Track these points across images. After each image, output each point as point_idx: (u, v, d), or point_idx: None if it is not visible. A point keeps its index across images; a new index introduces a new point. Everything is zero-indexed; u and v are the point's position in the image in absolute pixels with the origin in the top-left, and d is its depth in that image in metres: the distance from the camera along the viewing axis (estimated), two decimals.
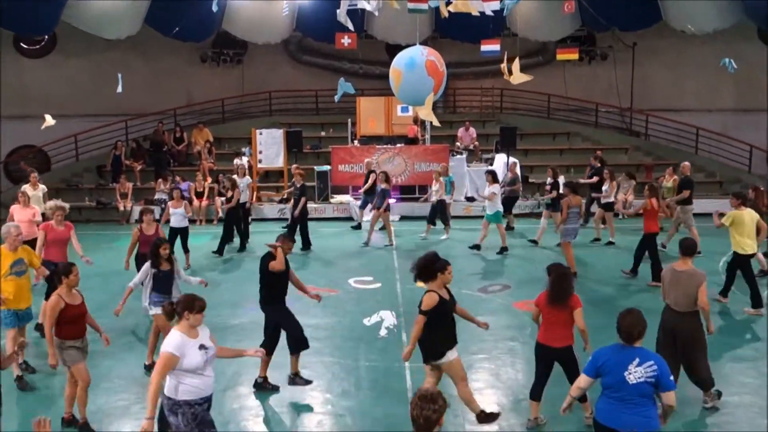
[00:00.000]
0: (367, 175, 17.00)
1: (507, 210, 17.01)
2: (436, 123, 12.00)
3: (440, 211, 16.35)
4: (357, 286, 12.43)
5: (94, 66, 22.43)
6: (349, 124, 21.17)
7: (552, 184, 15.74)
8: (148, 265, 8.22)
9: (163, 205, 16.71)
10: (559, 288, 6.72)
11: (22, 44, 23.10)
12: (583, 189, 15.52)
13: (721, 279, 11.46)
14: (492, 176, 15.22)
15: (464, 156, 20.40)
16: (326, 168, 19.96)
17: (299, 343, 7.84)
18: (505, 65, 10.55)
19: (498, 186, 15.14)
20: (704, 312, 7.13)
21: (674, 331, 7.22)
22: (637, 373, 5.09)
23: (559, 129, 23.63)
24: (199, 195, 18.87)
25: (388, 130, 21.28)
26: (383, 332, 9.97)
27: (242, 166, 17.31)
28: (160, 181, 19.03)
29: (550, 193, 15.65)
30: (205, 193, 18.96)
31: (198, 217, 18.12)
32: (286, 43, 23.73)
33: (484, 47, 17.78)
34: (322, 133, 23.32)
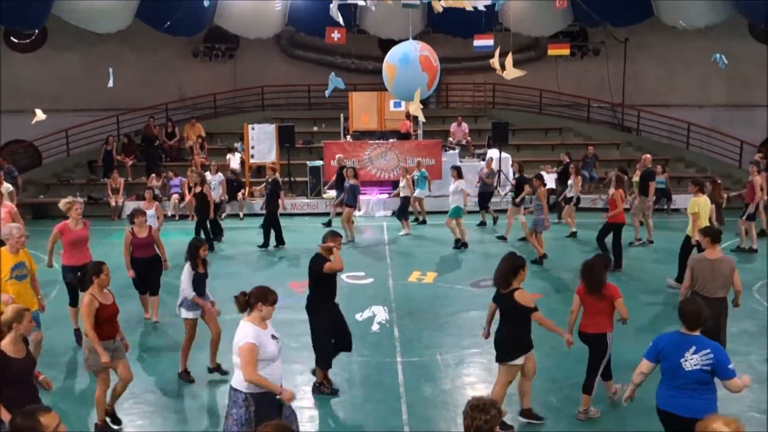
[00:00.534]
0: (339, 171, 16.76)
1: (483, 205, 17.15)
2: (422, 119, 12.02)
3: (401, 207, 16.39)
4: (349, 281, 12.43)
5: (84, 60, 22.31)
6: (342, 119, 21.14)
7: (517, 179, 15.76)
8: (188, 268, 7.92)
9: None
10: (590, 279, 7.01)
11: (12, 38, 22.94)
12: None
13: None
14: (457, 172, 15.19)
15: (457, 151, 20.40)
16: (319, 163, 19.94)
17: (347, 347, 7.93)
18: (495, 60, 10.54)
19: (462, 182, 15.11)
20: (738, 293, 7.67)
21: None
22: (692, 361, 5.23)
23: (552, 124, 23.67)
24: (191, 190, 18.78)
25: (380, 125, 21.27)
26: (375, 327, 10.00)
27: (215, 164, 17.08)
28: (153, 176, 18.97)
29: (519, 190, 15.64)
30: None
31: (190, 212, 18.05)
32: (278, 38, 23.66)
33: (477, 42, 17.81)
34: (315, 128, 23.29)
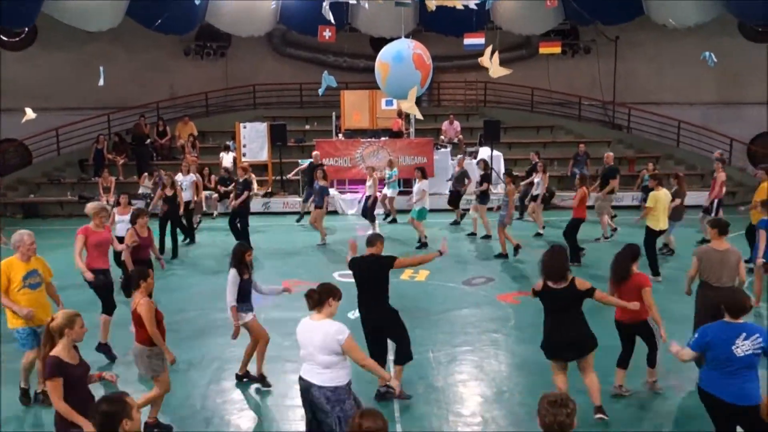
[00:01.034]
0: (314, 168, 16.55)
1: (453, 204, 17.23)
2: (419, 116, 12.03)
3: (367, 207, 16.29)
4: (341, 280, 12.42)
5: (75, 59, 22.21)
6: (334, 118, 21.14)
7: (483, 176, 15.83)
8: (235, 275, 7.67)
9: (148, 199, 16.66)
10: (614, 270, 7.28)
11: (1, 37, 22.82)
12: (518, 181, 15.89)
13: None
14: (421, 173, 15.19)
15: (449, 149, 20.45)
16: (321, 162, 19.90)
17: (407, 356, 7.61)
18: (485, 59, 10.56)
19: (426, 182, 15.11)
20: (742, 283, 7.82)
21: (715, 305, 7.61)
22: (744, 347, 5.42)
23: (543, 122, 23.75)
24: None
25: (372, 124, 21.29)
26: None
27: (185, 164, 16.65)
28: (145, 175, 18.91)
29: (481, 186, 15.69)
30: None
31: (180, 211, 17.99)
32: (270, 36, 23.64)
33: (468, 41, 17.84)
34: (307, 127, 23.27)
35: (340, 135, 20.83)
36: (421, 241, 14.76)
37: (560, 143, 22.78)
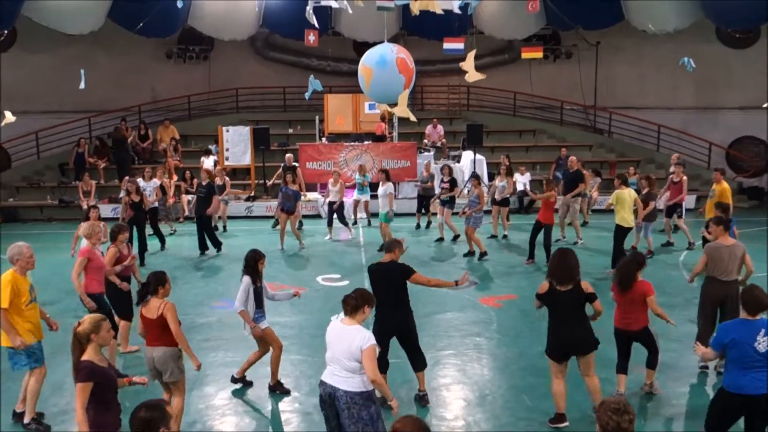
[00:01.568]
0: (286, 172, 16.32)
1: (420, 208, 17.29)
2: (413, 119, 12.03)
3: (336, 212, 16.21)
4: (325, 284, 12.45)
5: (56, 61, 22.03)
6: (317, 122, 21.14)
7: (449, 181, 15.92)
8: (248, 282, 7.55)
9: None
10: (619, 276, 7.33)
11: None
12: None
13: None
14: (385, 175, 15.17)
15: (432, 153, 20.51)
16: (294, 165, 19.86)
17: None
18: (467, 63, 10.62)
19: (391, 185, 15.08)
20: (750, 273, 8.14)
21: (723, 299, 8.09)
22: (765, 342, 5.58)
23: (525, 126, 23.90)
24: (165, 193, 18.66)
25: (355, 128, 21.30)
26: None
27: (148, 170, 16.42)
28: (126, 179, 18.77)
29: (450, 191, 15.76)
30: (171, 192, 18.76)
31: (175, 215, 17.91)
32: (252, 40, 23.59)
33: (447, 45, 17.85)
34: (290, 131, 23.25)
35: (324, 139, 20.83)
36: (384, 245, 14.76)
37: (543, 147, 22.92)
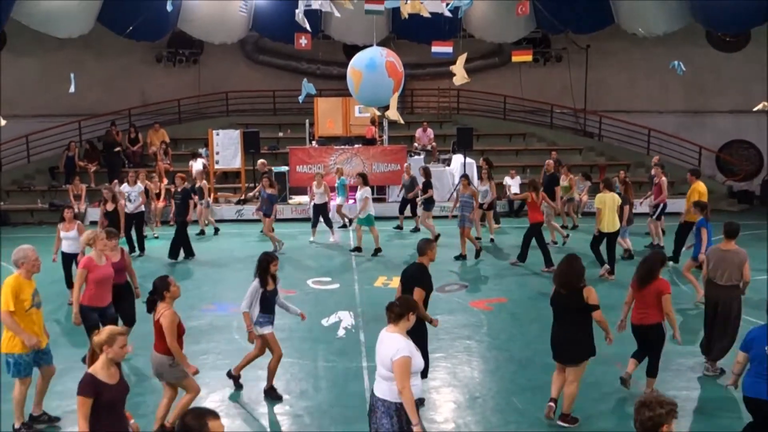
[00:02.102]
0: (262, 176, 16.20)
1: (401, 210, 17.29)
2: (402, 122, 12.05)
3: (322, 214, 16.16)
4: (315, 287, 12.44)
5: (45, 65, 21.96)
6: (307, 125, 21.12)
7: (425, 183, 15.94)
8: (256, 285, 7.45)
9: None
10: (644, 273, 7.43)
11: None
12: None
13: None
14: (363, 179, 15.22)
15: (422, 156, 20.51)
16: (284, 169, 19.88)
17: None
18: (456, 67, 10.66)
19: (368, 189, 15.15)
20: (746, 283, 8.29)
21: (716, 302, 8.32)
22: None
23: (515, 130, 23.93)
24: (156, 196, 18.61)
25: (346, 131, 21.30)
26: (341, 333, 10.00)
27: (132, 174, 15.95)
28: (116, 182, 18.70)
29: (425, 193, 15.89)
30: (161, 195, 18.71)
31: (155, 219, 17.86)
32: (242, 43, 23.57)
33: (435, 49, 17.84)
34: (280, 134, 23.22)
35: (314, 142, 20.81)
36: (356, 246, 14.93)
37: (533, 150, 22.98)
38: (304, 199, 19.57)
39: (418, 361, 5.31)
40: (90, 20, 19.39)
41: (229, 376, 8.04)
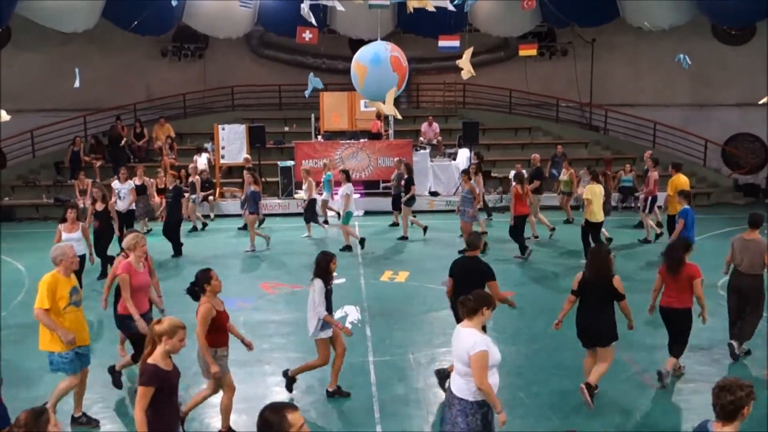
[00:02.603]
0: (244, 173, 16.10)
1: (395, 206, 17.16)
2: (399, 117, 12.05)
3: (305, 209, 16.11)
4: None
5: (50, 60, 21.97)
6: (313, 120, 21.12)
7: (407, 180, 15.96)
8: (321, 285, 7.35)
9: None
10: (668, 259, 7.82)
11: None
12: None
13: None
14: (345, 176, 15.16)
15: (428, 151, 20.51)
16: (290, 163, 19.88)
17: None
18: (463, 61, 10.64)
19: (350, 186, 15.08)
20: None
21: (739, 289, 8.66)
22: None
23: (521, 124, 23.90)
24: (161, 192, 18.63)
25: (351, 125, 21.29)
26: (348, 327, 9.98)
27: (123, 171, 15.56)
28: (95, 184, 18.48)
29: (408, 191, 15.87)
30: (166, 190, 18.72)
31: (160, 214, 17.90)
32: (248, 38, 23.55)
33: (442, 43, 17.85)
34: (286, 129, 23.22)
35: (320, 137, 20.81)
36: (346, 245, 14.74)
37: (538, 144, 22.92)
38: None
39: (496, 354, 5.28)
40: (95, 15, 19.39)
41: (329, 394, 7.80)
